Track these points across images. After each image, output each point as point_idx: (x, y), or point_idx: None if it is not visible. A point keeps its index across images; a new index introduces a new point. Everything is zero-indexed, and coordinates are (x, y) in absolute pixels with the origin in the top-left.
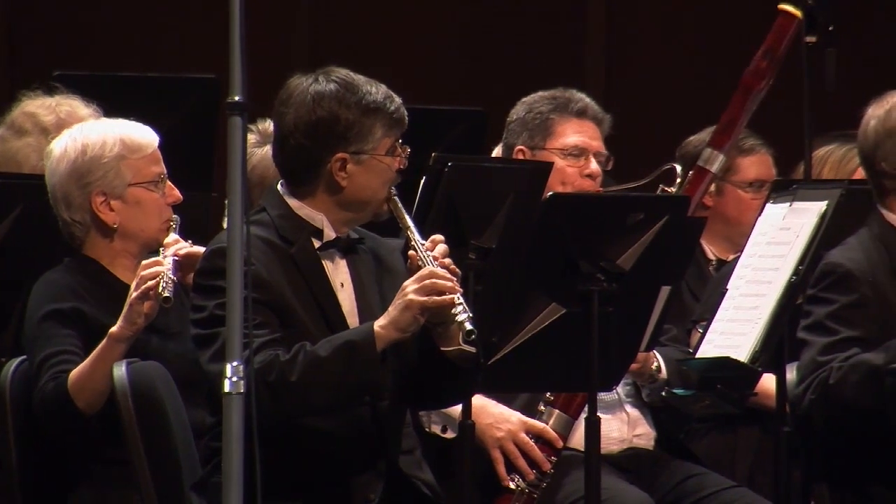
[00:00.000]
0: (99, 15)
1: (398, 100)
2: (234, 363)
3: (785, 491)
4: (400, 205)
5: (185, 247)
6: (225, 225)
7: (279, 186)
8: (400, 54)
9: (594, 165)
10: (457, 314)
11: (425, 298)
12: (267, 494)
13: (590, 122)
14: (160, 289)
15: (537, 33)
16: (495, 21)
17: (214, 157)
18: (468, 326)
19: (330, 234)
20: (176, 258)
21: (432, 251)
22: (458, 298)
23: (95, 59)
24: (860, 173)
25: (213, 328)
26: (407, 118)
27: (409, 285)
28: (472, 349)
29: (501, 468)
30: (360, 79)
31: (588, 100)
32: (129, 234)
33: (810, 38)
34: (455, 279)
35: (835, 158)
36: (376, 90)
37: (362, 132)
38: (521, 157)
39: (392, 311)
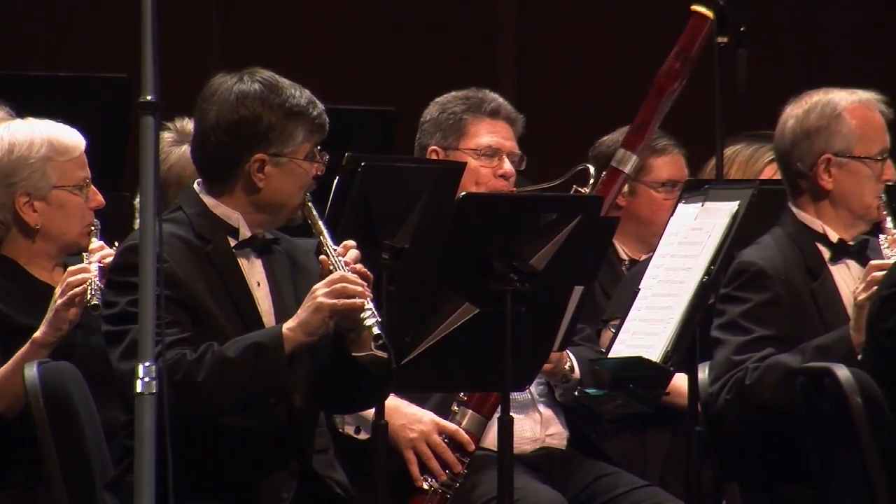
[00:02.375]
0: (3, 13)
1: (321, 106)
2: (147, 363)
3: (696, 490)
4: (314, 211)
5: (111, 253)
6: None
7: (196, 185)
8: (313, 54)
9: (507, 165)
10: (366, 319)
11: (334, 301)
12: (180, 493)
13: (503, 123)
14: (88, 296)
15: (450, 33)
16: (408, 21)
17: (126, 157)
18: (376, 331)
19: (245, 232)
20: (101, 265)
21: (344, 256)
22: (368, 303)
23: (1, 58)
24: (767, 173)
25: (123, 325)
26: (328, 125)
27: (319, 288)
28: (384, 354)
29: (415, 468)
30: (284, 81)
31: (501, 100)
32: (51, 235)
33: (722, 39)
34: (366, 284)
35: (742, 158)
36: (300, 94)
37: (283, 135)
38: (434, 157)
39: (301, 313)
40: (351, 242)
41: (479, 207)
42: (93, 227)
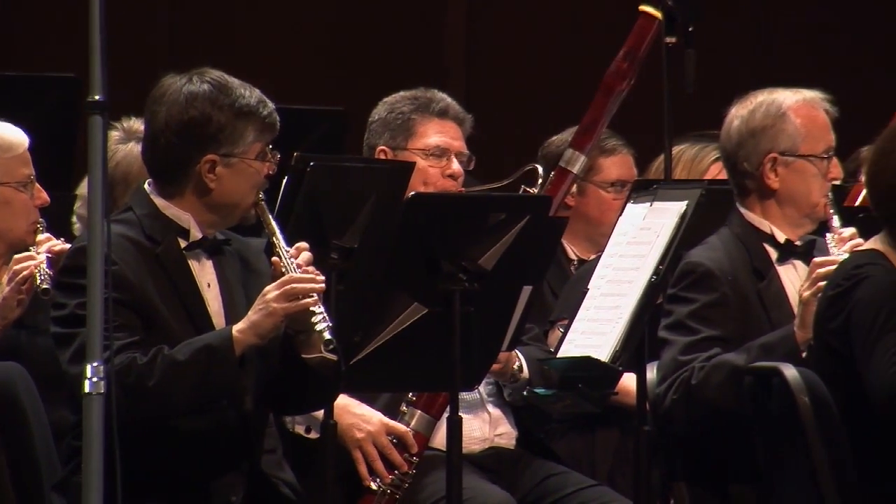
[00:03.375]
0: None
1: (271, 105)
2: (95, 363)
3: (644, 489)
4: (267, 210)
5: (59, 244)
6: (74, 224)
7: (146, 185)
8: (261, 53)
9: (456, 165)
10: (317, 323)
11: (286, 305)
12: (128, 495)
13: (451, 123)
14: (38, 281)
15: (399, 33)
16: (357, 21)
17: (74, 157)
18: (327, 336)
19: (196, 234)
20: (50, 255)
21: (296, 258)
22: (319, 307)
23: None
24: (712, 172)
25: (73, 328)
26: (279, 123)
27: (270, 291)
28: (333, 357)
29: (363, 468)
30: (234, 81)
31: (449, 100)
32: None
33: (670, 39)
34: (318, 289)
35: (687, 158)
36: (250, 94)
37: (233, 135)
38: (382, 157)
39: (252, 315)
40: (304, 244)
41: (427, 207)
42: (39, 226)
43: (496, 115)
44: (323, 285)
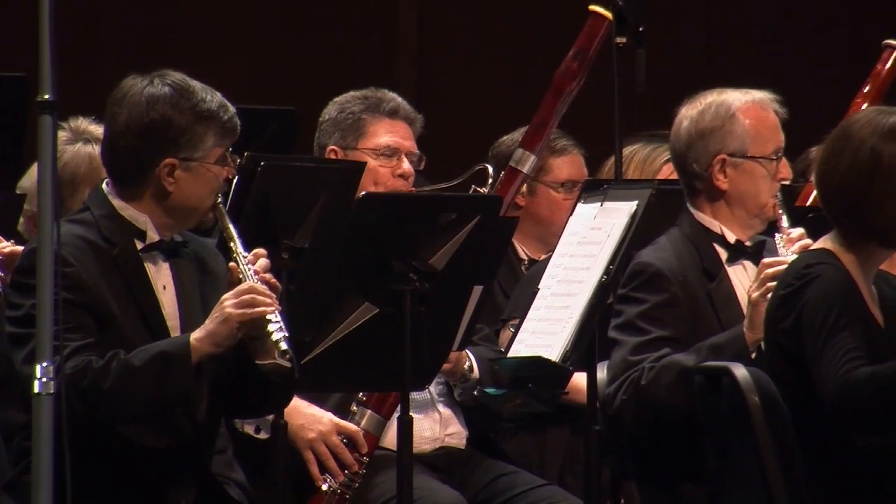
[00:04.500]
0: None
1: (232, 109)
2: (44, 364)
3: (595, 489)
4: (226, 214)
5: (9, 245)
6: (20, 226)
7: (105, 186)
8: (211, 53)
9: (406, 165)
10: (272, 332)
11: (242, 312)
12: (78, 497)
13: (402, 122)
14: None
15: (349, 33)
16: (307, 20)
17: (23, 157)
18: (283, 346)
19: (153, 236)
20: (0, 256)
21: (254, 264)
22: (276, 315)
23: None
24: (664, 172)
25: (27, 328)
26: (239, 127)
27: (228, 299)
28: (288, 364)
29: (314, 468)
30: (195, 85)
31: (400, 100)
32: None
33: (620, 39)
34: (274, 295)
35: (639, 158)
36: (211, 98)
37: (194, 139)
38: (333, 157)
39: (209, 324)
40: (261, 251)
41: (378, 207)
42: None
43: (446, 115)
44: (277, 306)
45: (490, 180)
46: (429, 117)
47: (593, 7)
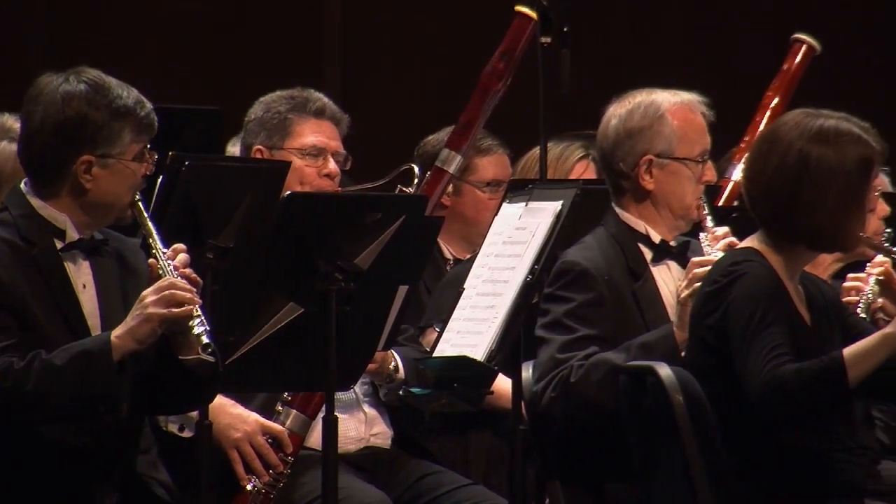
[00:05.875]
0: None
1: (149, 105)
2: None
3: (520, 489)
4: (144, 212)
5: None
6: None
7: (23, 185)
8: (138, 53)
9: (332, 165)
10: (194, 326)
11: (164, 311)
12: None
13: (328, 122)
14: None
15: (275, 32)
16: (232, 20)
17: None
18: (205, 340)
19: (73, 235)
20: None
21: (174, 260)
22: (197, 310)
23: None
24: (577, 171)
25: None
26: (156, 124)
27: (148, 296)
28: (211, 359)
29: (239, 468)
30: (111, 81)
31: (326, 100)
32: None
33: (545, 40)
34: (195, 290)
35: (552, 157)
36: (127, 94)
37: (111, 136)
38: (259, 156)
39: (130, 321)
40: (181, 246)
41: (303, 207)
42: None
43: (373, 115)
44: (198, 300)
45: (416, 180)
46: (355, 117)
47: (519, 7)
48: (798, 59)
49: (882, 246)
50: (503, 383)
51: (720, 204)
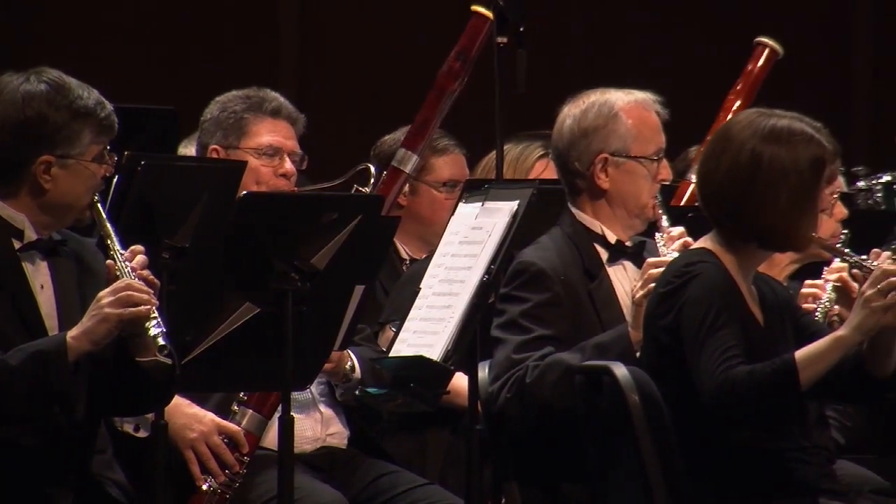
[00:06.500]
0: None
1: (109, 106)
2: None
3: (476, 489)
4: (103, 213)
5: None
6: None
7: None
8: (93, 52)
9: (288, 165)
10: (151, 328)
11: (120, 311)
12: None
13: (284, 122)
14: None
15: (231, 32)
16: (188, 20)
17: None
18: (161, 342)
19: (31, 235)
20: None
21: (131, 261)
22: (154, 312)
23: None
24: (536, 171)
25: None
26: (117, 125)
27: (105, 297)
28: (168, 361)
29: (195, 468)
30: (72, 82)
31: (282, 99)
32: None
33: (501, 39)
34: (152, 291)
35: (511, 157)
36: (88, 95)
37: (70, 136)
38: (215, 156)
39: (86, 321)
40: (139, 248)
41: (259, 207)
42: None
43: (329, 115)
44: (156, 302)
45: (372, 180)
46: (311, 117)
47: (475, 7)
48: (760, 62)
49: (833, 247)
50: (462, 381)
51: (683, 204)
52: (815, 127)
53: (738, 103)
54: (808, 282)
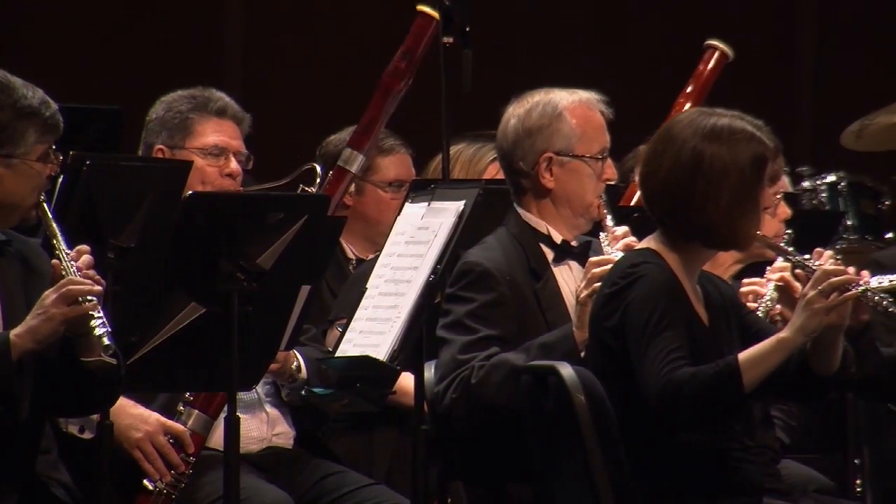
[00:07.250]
0: None
1: (54, 106)
2: None
3: (422, 489)
4: (49, 212)
5: None
6: None
7: None
8: (38, 51)
9: (234, 165)
10: (95, 327)
11: (64, 309)
12: None
13: (229, 122)
14: None
15: (175, 30)
16: (132, 18)
17: None
18: (106, 341)
19: None
20: None
21: (77, 261)
22: (98, 311)
23: None
24: (490, 172)
25: None
26: (62, 124)
27: (49, 295)
28: (113, 361)
29: (147, 466)
30: (16, 81)
31: (228, 99)
32: None
33: (447, 39)
34: (97, 291)
35: (465, 158)
36: (32, 94)
37: (15, 136)
38: (160, 156)
39: (30, 320)
40: (84, 248)
41: (205, 206)
42: None
43: (275, 114)
44: (101, 288)
45: (318, 180)
46: (257, 116)
47: (421, 7)
48: (711, 64)
49: (777, 245)
50: (408, 381)
51: (632, 205)
52: (756, 125)
53: (687, 106)
54: (746, 280)
